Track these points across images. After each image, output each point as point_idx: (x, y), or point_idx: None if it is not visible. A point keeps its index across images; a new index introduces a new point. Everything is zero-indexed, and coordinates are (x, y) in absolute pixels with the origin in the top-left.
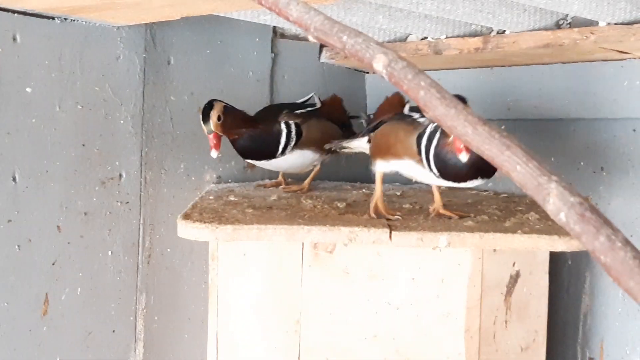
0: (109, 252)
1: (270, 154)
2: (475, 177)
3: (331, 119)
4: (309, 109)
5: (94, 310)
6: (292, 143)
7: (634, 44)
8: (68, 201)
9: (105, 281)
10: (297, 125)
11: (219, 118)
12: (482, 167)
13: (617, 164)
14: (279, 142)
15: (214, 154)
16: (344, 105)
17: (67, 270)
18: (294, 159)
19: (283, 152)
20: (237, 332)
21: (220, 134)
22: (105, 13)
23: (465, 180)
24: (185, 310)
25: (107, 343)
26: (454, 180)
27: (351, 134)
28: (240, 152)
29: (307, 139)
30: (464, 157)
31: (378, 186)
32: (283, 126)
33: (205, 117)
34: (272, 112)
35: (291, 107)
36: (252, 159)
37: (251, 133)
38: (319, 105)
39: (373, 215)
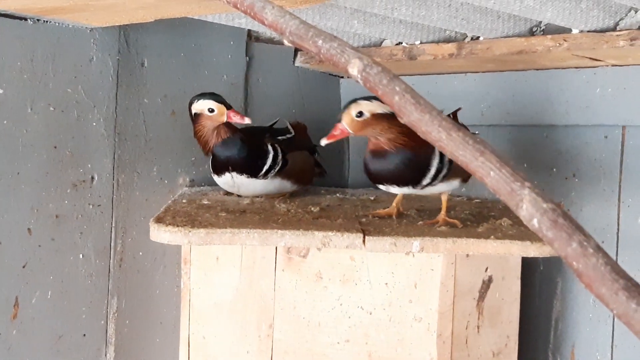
0: (81, 255)
1: (252, 171)
2: (386, 182)
3: (303, 146)
4: (288, 135)
5: (65, 314)
6: (277, 168)
7: (607, 51)
8: (39, 204)
9: (76, 284)
10: (283, 152)
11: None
12: (389, 175)
13: (589, 171)
14: (264, 162)
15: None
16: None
17: (37, 273)
18: (272, 187)
19: (266, 175)
20: (209, 336)
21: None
22: (79, 14)
23: (381, 183)
24: (157, 314)
25: (78, 347)
26: (377, 182)
27: (317, 164)
28: (216, 160)
29: (291, 169)
30: (322, 141)
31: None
32: (269, 147)
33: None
34: (254, 132)
35: (270, 132)
36: (229, 171)
37: (238, 140)
38: (292, 132)
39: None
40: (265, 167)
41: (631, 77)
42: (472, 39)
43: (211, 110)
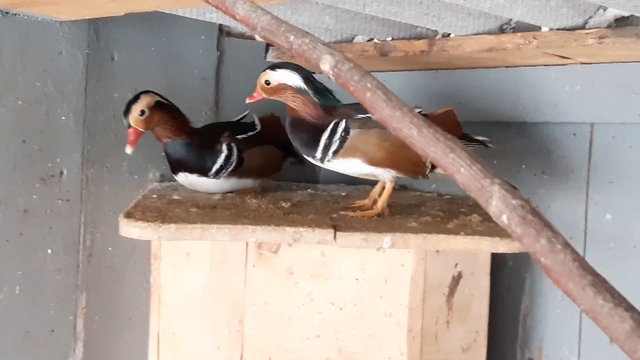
0: (49, 251)
1: (202, 171)
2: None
3: (272, 140)
4: (250, 133)
5: (33, 309)
6: (230, 168)
7: (576, 49)
8: (7, 198)
9: (44, 280)
10: (239, 150)
11: (142, 112)
12: (293, 140)
13: (557, 168)
14: (214, 162)
15: (128, 150)
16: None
17: (5, 268)
18: (230, 185)
19: (217, 175)
20: (179, 332)
21: (141, 130)
22: (48, 8)
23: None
24: (126, 310)
25: (46, 343)
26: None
27: (293, 155)
28: (169, 160)
29: (248, 168)
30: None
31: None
32: (224, 147)
33: (126, 110)
34: (213, 130)
35: (233, 129)
36: (181, 171)
37: (183, 141)
38: (259, 127)
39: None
40: (216, 167)
41: (600, 75)
42: (443, 36)
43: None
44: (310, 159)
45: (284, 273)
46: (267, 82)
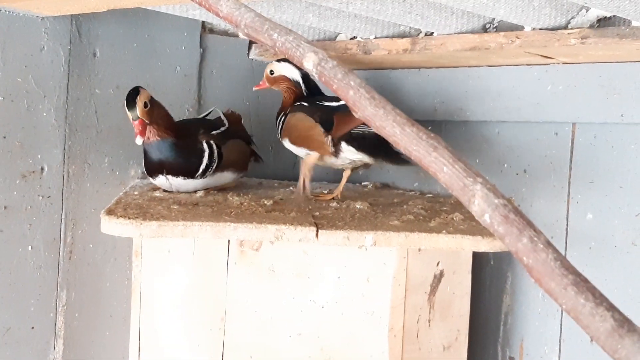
0: (29, 247)
1: (187, 173)
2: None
3: (238, 136)
4: (222, 128)
5: (13, 306)
6: (214, 166)
7: (558, 49)
8: None
9: (24, 276)
10: (218, 147)
11: (145, 104)
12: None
13: (539, 167)
14: (200, 163)
15: (139, 140)
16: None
17: None
18: (212, 182)
19: (204, 174)
20: (160, 329)
21: (146, 121)
22: (30, 3)
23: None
24: (107, 307)
25: (26, 340)
26: None
27: (253, 153)
28: (148, 160)
29: (227, 162)
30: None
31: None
32: (205, 145)
33: (131, 103)
34: (187, 128)
35: (204, 126)
36: (162, 173)
37: (170, 141)
38: (226, 123)
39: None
40: (202, 167)
41: (582, 75)
42: (426, 34)
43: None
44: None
45: (266, 271)
46: (272, 72)
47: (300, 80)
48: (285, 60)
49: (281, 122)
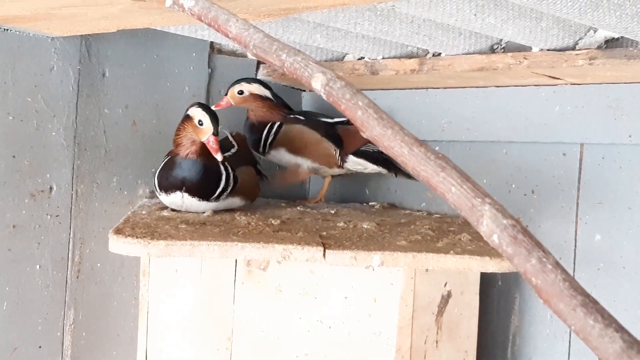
0: (37, 266)
1: (206, 195)
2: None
3: (246, 159)
4: (232, 150)
5: (20, 325)
6: (229, 190)
7: (566, 70)
8: None
9: (32, 295)
10: (233, 169)
11: (240, 92)
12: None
13: (547, 187)
14: (218, 186)
15: (220, 156)
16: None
17: None
18: (222, 206)
19: (218, 197)
20: (167, 349)
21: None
22: (40, 23)
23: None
24: (115, 326)
25: (33, 359)
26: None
27: (259, 174)
28: (168, 176)
29: (240, 187)
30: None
31: None
32: (222, 169)
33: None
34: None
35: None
36: (180, 190)
37: (205, 162)
38: (235, 145)
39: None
40: (219, 190)
41: (589, 96)
42: (433, 55)
43: (200, 123)
44: (257, 152)
45: (273, 291)
46: (241, 92)
47: (272, 98)
48: (256, 80)
49: (273, 132)
